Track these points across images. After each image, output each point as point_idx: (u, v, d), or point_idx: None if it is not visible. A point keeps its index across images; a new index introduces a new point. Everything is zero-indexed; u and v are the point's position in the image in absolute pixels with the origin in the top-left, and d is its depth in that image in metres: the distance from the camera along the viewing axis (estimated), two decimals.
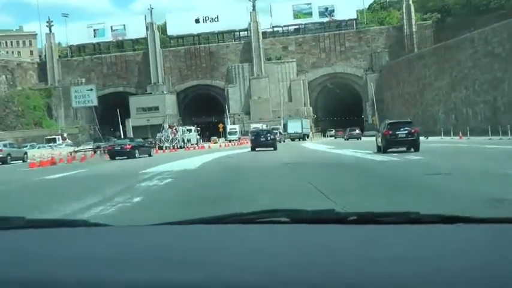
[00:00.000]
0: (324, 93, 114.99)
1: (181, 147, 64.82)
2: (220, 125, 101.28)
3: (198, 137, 77.46)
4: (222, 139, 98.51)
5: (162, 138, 64.31)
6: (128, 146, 37.09)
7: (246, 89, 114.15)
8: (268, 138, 40.62)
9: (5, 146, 43.86)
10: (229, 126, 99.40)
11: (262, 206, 5.21)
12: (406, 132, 27.09)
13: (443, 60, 69.94)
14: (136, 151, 37.34)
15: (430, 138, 53.26)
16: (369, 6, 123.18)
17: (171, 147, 61.91)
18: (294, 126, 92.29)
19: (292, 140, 78.80)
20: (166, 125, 64.97)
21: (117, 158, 36.46)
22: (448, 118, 69.51)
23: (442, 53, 70.44)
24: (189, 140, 71.51)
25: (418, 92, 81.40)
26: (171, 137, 64.17)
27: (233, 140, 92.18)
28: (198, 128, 77.98)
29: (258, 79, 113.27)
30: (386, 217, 2.12)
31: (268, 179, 16.17)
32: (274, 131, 52.38)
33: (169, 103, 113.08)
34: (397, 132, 26.99)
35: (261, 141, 40.28)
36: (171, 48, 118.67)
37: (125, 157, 36.39)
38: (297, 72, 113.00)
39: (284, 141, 67.16)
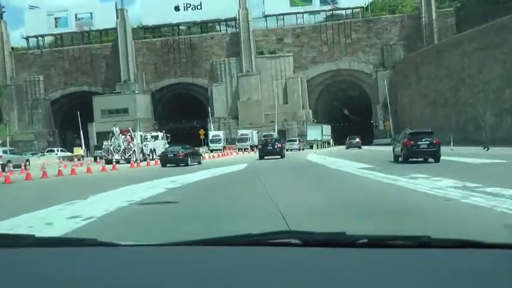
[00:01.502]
0: (326, 93, 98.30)
1: (144, 160, 47.71)
2: (201, 131, 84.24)
3: (168, 146, 60.24)
4: (204, 148, 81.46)
5: (111, 148, 47.18)
6: (181, 154, 36.31)
7: (234, 89, 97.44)
8: (276, 146, 42.25)
9: (4, 152, 40.77)
10: (211, 133, 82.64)
11: None
12: (428, 142, 26.61)
13: (493, 45, 53.35)
14: (189, 159, 36.66)
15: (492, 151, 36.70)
16: None
17: (132, 160, 44.84)
18: (313, 134, 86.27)
19: (311, 147, 72.96)
20: (116, 130, 47.77)
21: (168, 165, 35.71)
22: (501, 122, 52.64)
23: (492, 36, 53.80)
24: (154, 151, 54.37)
25: (451, 89, 64.96)
26: (123, 147, 46.98)
27: (216, 150, 75.61)
28: (168, 135, 61.03)
29: (247, 77, 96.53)
30: (397, 240, 2.14)
31: None
32: (272, 138, 49.63)
33: (141, 105, 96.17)
34: (419, 143, 26.49)
35: (269, 149, 41.85)
36: (146, 40, 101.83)
37: (174, 164, 35.67)
38: (294, 68, 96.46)
39: (303, 149, 63.27)
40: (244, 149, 77.95)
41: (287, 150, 62.52)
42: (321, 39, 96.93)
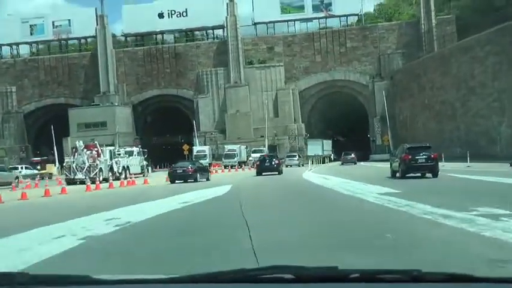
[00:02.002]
0: (320, 106, 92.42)
1: (116, 179, 41.33)
2: (185, 147, 77.89)
3: (145, 163, 54.12)
4: None
5: (73, 166, 40.71)
6: (190, 169, 36.01)
7: (221, 101, 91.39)
8: (273, 163, 42.47)
9: None
10: (196, 148, 76.28)
11: None
12: (426, 157, 26.44)
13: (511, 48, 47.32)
14: (198, 174, 36.27)
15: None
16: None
17: (98, 180, 38.48)
18: (314, 149, 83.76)
19: (312, 162, 68.92)
20: (80, 144, 41.39)
21: (177, 181, 35.47)
22: None
23: (508, 38, 47.83)
24: (127, 168, 48.05)
25: (459, 99, 59.33)
26: (87, 164, 40.51)
27: None
28: (145, 150, 54.75)
29: (235, 88, 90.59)
30: (388, 274, 2.18)
31: None
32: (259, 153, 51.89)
33: (121, 118, 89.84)
34: (417, 157, 26.35)
35: (266, 166, 42.17)
36: (127, 49, 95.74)
37: (182, 181, 35.60)
38: (286, 79, 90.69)
39: (302, 165, 59.38)
40: (232, 166, 71.76)
41: (286, 166, 60.86)
42: (314, 48, 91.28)
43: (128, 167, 49.82)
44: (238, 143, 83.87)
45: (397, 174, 27.83)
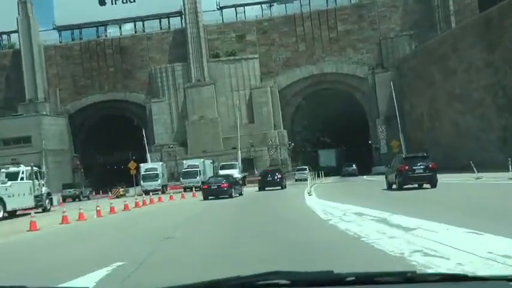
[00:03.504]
0: (306, 107, 73.65)
1: None
2: (131, 165, 57.85)
3: (44, 190, 34.30)
4: (137, 188, 55.82)
5: None
6: (224, 185, 33.53)
7: (181, 105, 72.15)
8: (276, 177, 41.59)
9: None
10: (143, 166, 56.33)
11: None
12: (423, 167, 25.63)
13: None
14: (233, 190, 33.84)
15: None
16: None
17: None
18: (327, 159, 76.86)
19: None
20: None
21: (210, 198, 32.86)
22: None
23: None
24: (11, 196, 28.51)
25: None
26: None
27: (153, 191, 49.83)
28: (42, 171, 34.95)
29: (198, 88, 71.51)
30: (383, 277, 2.22)
31: None
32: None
33: (52, 131, 70.29)
34: (414, 168, 25.56)
35: (269, 180, 41.52)
36: (60, 44, 75.92)
37: (214, 197, 32.93)
38: (262, 75, 72.02)
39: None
40: (194, 188, 52.12)
41: (296, 180, 56.61)
42: (296, 34, 72.54)
43: (12, 195, 30.44)
44: (203, 157, 64.31)
45: (394, 186, 26.93)
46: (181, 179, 56.41)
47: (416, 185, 26.00)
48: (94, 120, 77.15)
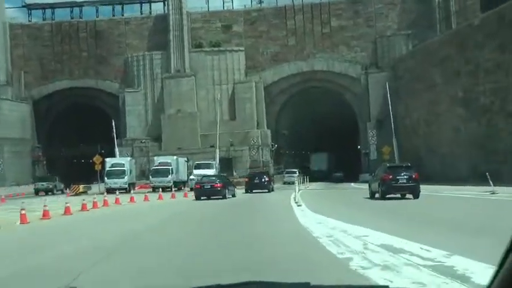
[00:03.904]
0: (292, 106, 68.63)
1: None
2: (97, 159, 52.16)
3: None
4: (101, 185, 50.18)
5: None
6: (218, 185, 32.57)
7: (157, 97, 66.52)
8: (263, 180, 40.83)
9: None
10: (109, 161, 50.39)
11: None
12: (407, 177, 25.33)
13: None
14: (226, 190, 32.84)
15: None
16: None
17: None
18: (318, 163, 73.86)
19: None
20: None
21: (202, 198, 31.73)
22: None
23: None
24: None
25: None
26: None
27: (117, 189, 43.93)
28: None
29: (177, 79, 66.14)
30: None
31: None
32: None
33: (12, 118, 64.28)
34: (398, 177, 25.25)
35: (256, 183, 40.53)
36: (27, 24, 69.87)
37: (205, 197, 31.80)
38: (247, 69, 67.01)
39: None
40: (164, 188, 46.75)
41: (284, 183, 55.95)
42: (287, 27, 67.49)
43: None
44: (179, 154, 58.66)
45: (376, 195, 26.46)
46: (150, 177, 50.76)
47: (399, 195, 25.76)
48: (61, 108, 71.09)
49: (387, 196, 25.26)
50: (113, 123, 59.38)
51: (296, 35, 67.23)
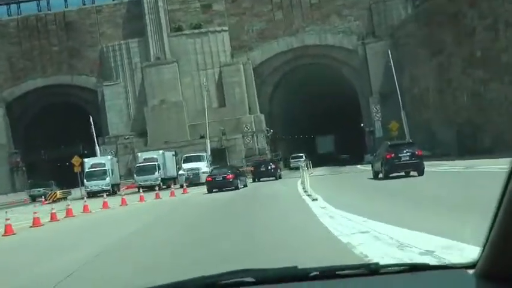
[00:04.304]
0: (285, 86, 63.41)
1: None
2: (76, 160, 46.97)
3: None
4: (83, 189, 44.93)
5: None
6: (230, 176, 31.72)
7: (138, 88, 60.92)
8: (270, 167, 40.39)
9: None
10: (88, 162, 45.09)
11: None
12: (410, 154, 24.90)
13: None
14: (238, 181, 32.22)
15: None
16: None
17: None
18: (325, 145, 73.41)
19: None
20: None
21: (214, 190, 30.68)
22: None
23: None
24: None
25: None
26: None
27: (100, 192, 38.84)
28: None
29: (158, 67, 60.72)
30: (346, 270, 2.25)
31: None
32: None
33: None
34: (400, 155, 24.81)
35: (262, 171, 40.22)
36: None
37: (217, 189, 30.59)
38: (232, 50, 61.60)
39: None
40: (151, 187, 41.79)
41: (291, 168, 54.12)
42: (272, 0, 61.74)
43: None
44: (166, 149, 53.44)
45: (380, 175, 25.97)
46: (135, 176, 45.42)
47: (403, 173, 25.37)
48: (36, 109, 65.63)
49: (391, 175, 24.79)
50: (91, 120, 53.99)
51: (282, 8, 61.64)
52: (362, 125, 61.40)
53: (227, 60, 61.98)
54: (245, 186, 33.75)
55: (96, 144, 53.62)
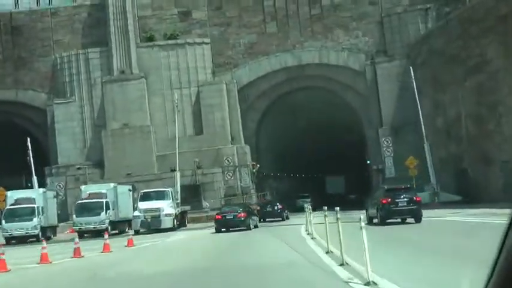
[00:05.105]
0: (275, 113, 52.49)
1: None
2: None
3: None
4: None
5: None
6: (241, 214, 30.46)
7: (97, 108, 49.74)
8: (276, 208, 40.06)
9: None
10: (12, 196, 33.47)
11: None
12: (407, 200, 24.38)
13: None
14: (250, 221, 30.99)
15: None
16: None
17: None
18: (334, 186, 64.07)
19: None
20: None
21: (223, 230, 29.41)
22: None
23: None
24: None
25: None
26: None
27: (22, 238, 26.98)
28: None
29: (122, 83, 50.30)
30: None
31: None
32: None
33: None
34: (397, 200, 24.24)
35: (268, 211, 39.91)
36: None
37: (225, 230, 29.53)
38: (214, 67, 50.73)
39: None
40: (97, 232, 30.16)
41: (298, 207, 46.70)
42: (264, 10, 51.87)
43: None
44: (129, 183, 42.33)
45: (375, 220, 25.10)
46: (74, 217, 33.75)
47: (399, 220, 24.79)
48: None
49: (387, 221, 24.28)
50: (28, 143, 42.48)
51: (277, 19, 51.27)
52: (368, 161, 50.63)
53: (207, 78, 51.28)
54: (256, 227, 31.95)
55: (34, 175, 41.66)
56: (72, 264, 17.27)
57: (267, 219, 38.37)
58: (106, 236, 20.36)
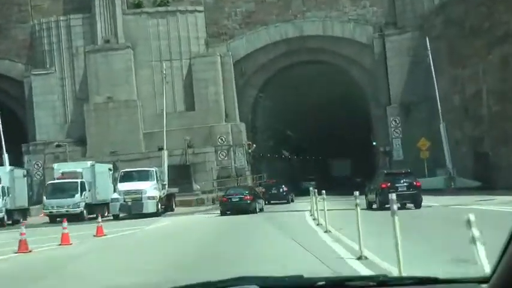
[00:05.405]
0: (274, 88, 48.50)
1: None
2: None
3: None
4: None
5: None
6: (248, 197, 29.72)
7: (79, 80, 45.69)
8: (281, 190, 39.84)
9: None
10: None
11: None
12: (407, 184, 24.81)
13: None
14: (257, 204, 30.20)
15: None
16: None
17: None
18: (341, 168, 61.15)
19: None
20: None
21: (228, 212, 28.81)
22: None
23: None
24: None
25: None
26: None
27: None
28: None
29: (107, 53, 46.26)
30: (354, 281, 2.20)
31: None
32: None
33: None
34: (397, 185, 24.47)
35: (273, 193, 39.67)
36: None
37: (230, 212, 28.53)
38: (208, 37, 46.85)
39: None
40: (70, 216, 25.81)
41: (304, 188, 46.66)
42: None
43: None
44: (113, 161, 38.50)
45: (374, 206, 25.28)
46: (44, 199, 29.72)
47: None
48: None
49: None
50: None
51: None
52: (374, 143, 46.74)
53: (200, 50, 47.05)
54: (261, 210, 31.13)
55: (4, 153, 37.42)
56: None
57: (272, 202, 37.78)
58: (65, 223, 16.34)
